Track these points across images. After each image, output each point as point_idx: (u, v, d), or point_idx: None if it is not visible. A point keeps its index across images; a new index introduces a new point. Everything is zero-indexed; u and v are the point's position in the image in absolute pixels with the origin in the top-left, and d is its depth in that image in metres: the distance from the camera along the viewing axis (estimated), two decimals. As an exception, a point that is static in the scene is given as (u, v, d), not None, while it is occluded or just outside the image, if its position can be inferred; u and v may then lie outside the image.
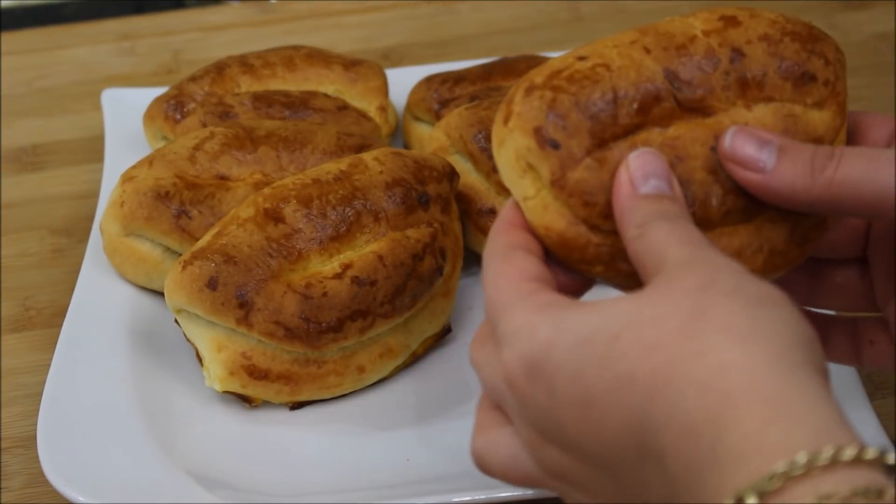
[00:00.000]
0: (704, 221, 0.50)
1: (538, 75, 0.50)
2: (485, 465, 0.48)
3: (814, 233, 0.53)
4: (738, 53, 0.51)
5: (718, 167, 0.50)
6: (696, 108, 0.50)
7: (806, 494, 0.36)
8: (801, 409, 0.38)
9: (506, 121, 0.50)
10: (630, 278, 0.50)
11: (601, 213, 0.49)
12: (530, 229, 0.50)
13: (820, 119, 0.51)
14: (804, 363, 0.39)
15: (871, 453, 0.37)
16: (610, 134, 0.49)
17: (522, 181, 0.50)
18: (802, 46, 0.51)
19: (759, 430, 0.37)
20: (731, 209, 0.50)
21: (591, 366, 0.41)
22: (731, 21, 0.51)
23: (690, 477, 0.38)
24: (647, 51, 0.50)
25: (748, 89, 0.51)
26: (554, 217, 0.50)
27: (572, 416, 0.42)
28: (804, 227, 0.52)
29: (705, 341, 0.40)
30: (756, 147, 0.49)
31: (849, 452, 0.36)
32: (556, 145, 0.49)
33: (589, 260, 0.50)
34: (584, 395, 0.41)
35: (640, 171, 0.47)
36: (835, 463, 0.36)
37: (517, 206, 0.50)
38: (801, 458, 0.36)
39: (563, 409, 0.42)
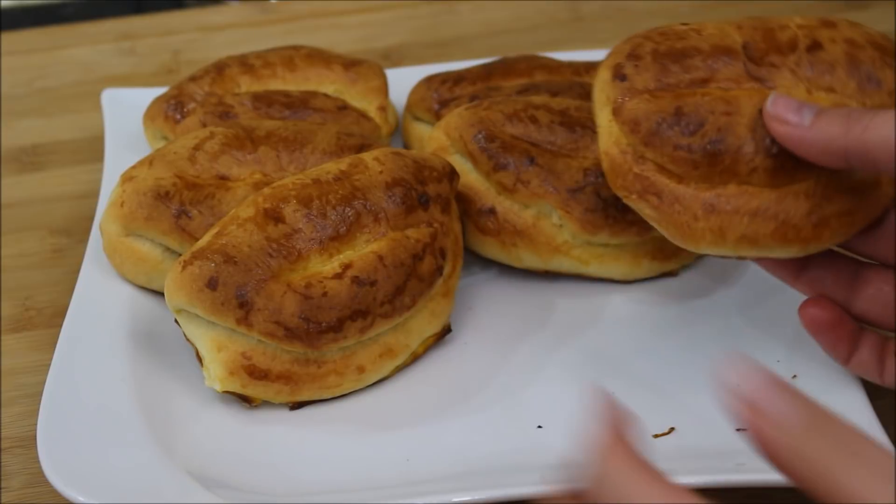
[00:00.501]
0: (730, 171, 0.55)
1: (645, 30, 0.59)
2: None
3: (836, 221, 0.55)
4: (817, 45, 0.56)
5: (759, 127, 0.55)
6: (761, 79, 0.56)
7: None
8: None
9: (608, 56, 0.59)
10: (655, 210, 0.57)
11: (643, 141, 0.56)
12: None
13: None
14: None
15: None
16: (675, 80, 0.57)
17: (602, 111, 0.59)
18: (881, 56, 0.56)
19: None
20: (758, 168, 0.55)
21: None
22: (828, 23, 0.57)
23: None
24: (739, 27, 0.57)
25: (814, 76, 0.56)
26: (611, 144, 0.58)
27: None
28: (826, 211, 0.55)
29: None
30: (796, 109, 0.53)
31: None
32: (623, 78, 0.57)
33: (627, 186, 0.58)
34: None
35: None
36: None
37: None
38: None
39: None
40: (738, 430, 0.63)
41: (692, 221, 0.56)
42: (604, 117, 0.59)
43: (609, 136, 0.58)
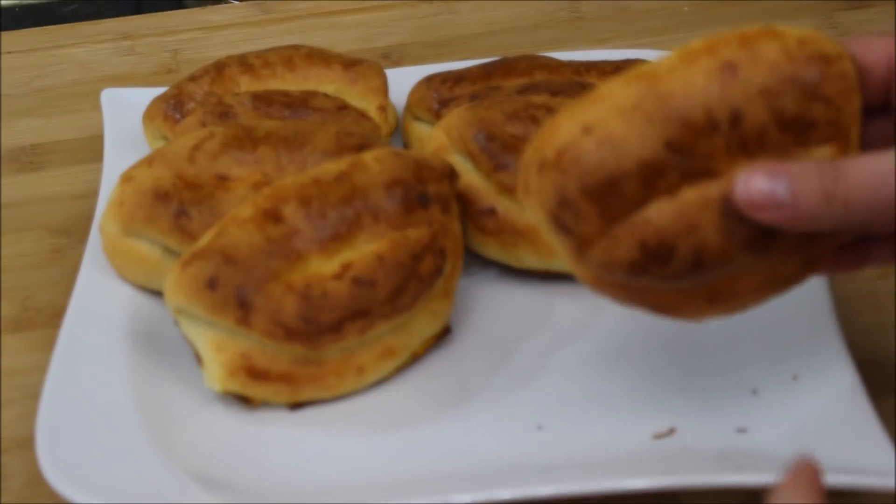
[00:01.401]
0: (726, 283, 0.54)
1: (548, 147, 0.52)
2: None
3: (825, 249, 0.56)
4: (737, 115, 0.51)
5: (729, 228, 0.52)
6: (702, 173, 0.52)
7: None
8: None
9: (526, 189, 0.54)
10: (658, 315, 0.56)
11: (624, 279, 0.53)
12: None
13: (824, 153, 0.52)
14: None
15: None
16: (619, 211, 0.52)
17: (552, 238, 0.54)
18: (802, 94, 0.51)
19: None
20: (748, 263, 0.53)
21: None
22: (730, 71, 0.51)
23: None
24: (650, 121, 0.51)
25: (749, 147, 0.52)
26: (583, 271, 0.55)
27: None
28: (814, 251, 0.55)
29: None
30: (768, 180, 0.50)
31: None
32: (570, 231, 0.53)
33: (618, 304, 0.56)
34: None
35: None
36: None
37: None
38: None
39: None
40: (738, 430, 0.63)
41: (698, 312, 0.56)
42: (557, 244, 0.54)
43: (575, 264, 0.54)
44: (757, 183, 0.50)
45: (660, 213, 0.52)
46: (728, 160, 0.51)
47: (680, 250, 0.52)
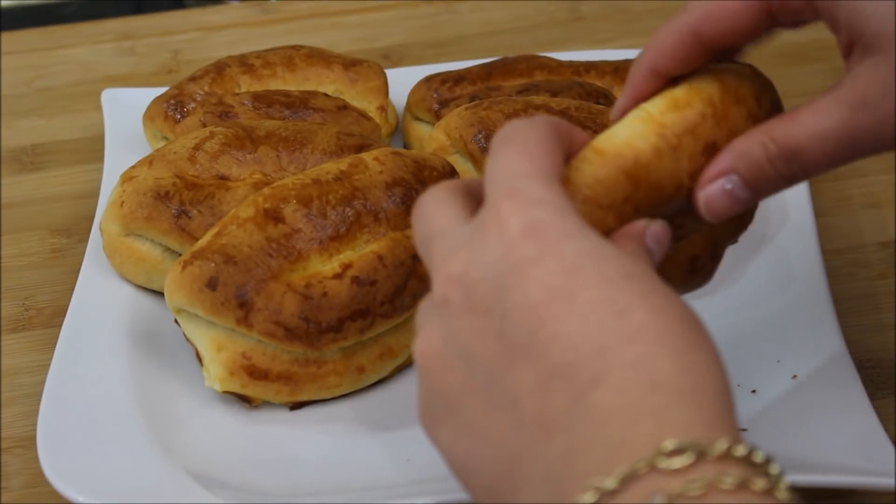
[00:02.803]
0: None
1: None
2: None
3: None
4: (712, 147, 0.51)
5: (715, 233, 0.56)
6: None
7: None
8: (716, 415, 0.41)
9: None
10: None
11: None
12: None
13: None
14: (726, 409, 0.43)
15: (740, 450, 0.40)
16: None
17: None
18: (748, 109, 0.52)
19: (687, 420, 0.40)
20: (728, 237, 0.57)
21: (596, 270, 0.42)
22: (712, 151, 0.51)
23: (623, 412, 0.40)
24: (640, 213, 0.50)
25: None
26: None
27: (538, 292, 0.42)
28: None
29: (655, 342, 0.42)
30: (727, 192, 0.50)
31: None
32: None
33: None
34: (569, 285, 0.42)
35: (654, 236, 0.49)
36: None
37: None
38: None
39: (533, 280, 0.42)
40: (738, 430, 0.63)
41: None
42: None
43: None
44: (710, 189, 0.51)
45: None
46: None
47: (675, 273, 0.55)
